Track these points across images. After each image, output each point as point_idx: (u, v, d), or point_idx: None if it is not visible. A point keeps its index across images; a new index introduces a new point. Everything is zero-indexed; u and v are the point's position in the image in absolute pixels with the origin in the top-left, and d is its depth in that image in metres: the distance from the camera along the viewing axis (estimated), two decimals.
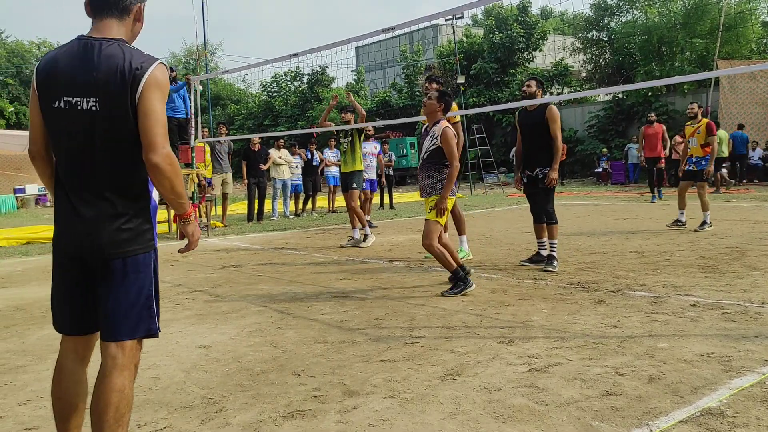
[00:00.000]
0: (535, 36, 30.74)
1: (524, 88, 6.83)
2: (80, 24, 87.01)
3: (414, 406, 2.98)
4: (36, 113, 2.33)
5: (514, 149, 25.17)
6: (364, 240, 9.04)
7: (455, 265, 5.48)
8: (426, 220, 5.57)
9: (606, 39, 29.23)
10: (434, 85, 6.95)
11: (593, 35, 29.71)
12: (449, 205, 5.65)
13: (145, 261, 2.36)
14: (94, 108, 2.22)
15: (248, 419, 2.94)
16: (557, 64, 30.69)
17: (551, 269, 6.31)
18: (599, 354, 3.62)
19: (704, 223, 8.82)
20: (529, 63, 31.48)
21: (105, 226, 2.27)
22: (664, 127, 13.54)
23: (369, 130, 12.63)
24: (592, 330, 4.14)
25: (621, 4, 28.71)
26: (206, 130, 12.86)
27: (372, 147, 13.03)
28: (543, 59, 33.39)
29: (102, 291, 2.32)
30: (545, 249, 6.68)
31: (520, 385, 3.18)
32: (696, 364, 3.36)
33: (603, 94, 27.18)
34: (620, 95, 25.07)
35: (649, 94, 23.80)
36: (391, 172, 18.29)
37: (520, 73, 30.02)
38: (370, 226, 9.75)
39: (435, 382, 3.30)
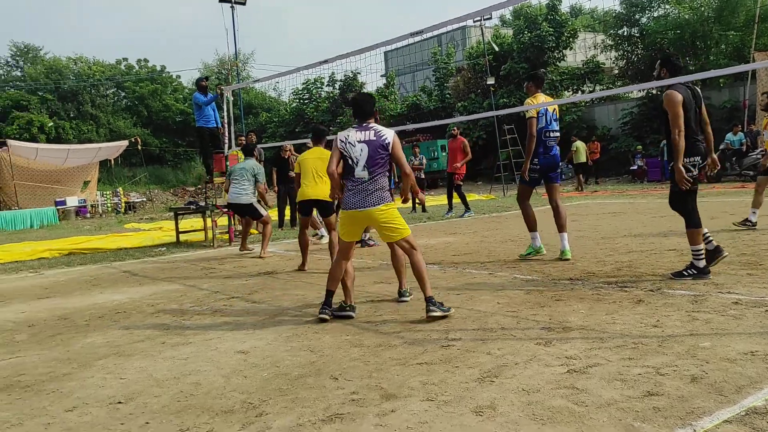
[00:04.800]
0: (566, 34, 30.45)
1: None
2: (113, 39, 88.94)
3: (452, 409, 2.98)
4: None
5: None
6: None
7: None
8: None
9: (638, 35, 28.80)
10: None
11: (624, 32, 29.31)
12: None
13: None
14: None
15: (288, 423, 2.97)
16: (588, 62, 30.37)
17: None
18: (639, 354, 3.57)
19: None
20: (559, 62, 31.20)
21: None
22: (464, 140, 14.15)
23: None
24: (632, 330, 4.08)
25: None
26: (242, 137, 12.99)
27: None
28: (574, 57, 33.07)
29: None
30: (710, 242, 5.76)
31: (559, 387, 3.15)
32: (740, 363, 3.29)
33: (636, 91, 26.78)
34: (654, 91, 24.64)
35: None
36: (422, 176, 18.20)
37: (550, 72, 29.75)
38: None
39: (472, 384, 3.29)
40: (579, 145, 22.33)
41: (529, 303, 5.08)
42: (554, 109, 7.34)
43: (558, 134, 7.38)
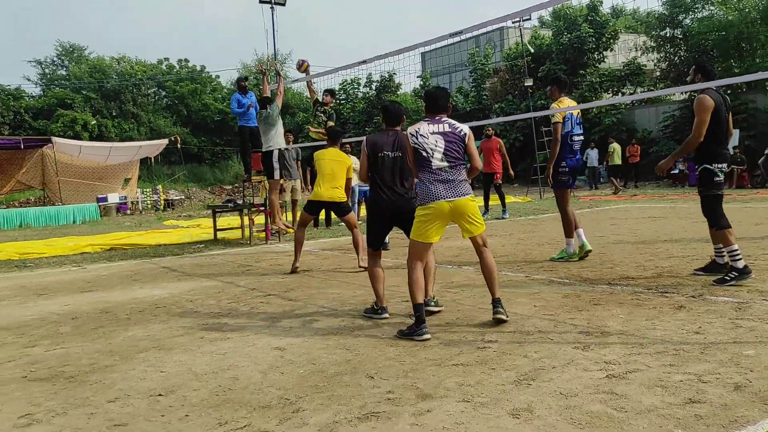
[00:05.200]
0: (606, 35, 29.98)
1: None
2: (154, 40, 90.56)
3: (488, 410, 2.97)
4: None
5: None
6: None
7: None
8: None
9: (680, 36, 28.20)
10: None
11: (667, 33, 28.73)
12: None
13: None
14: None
15: (324, 420, 2.99)
16: (629, 64, 29.86)
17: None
18: (680, 361, 3.51)
19: None
20: (599, 63, 30.74)
21: None
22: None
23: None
24: (672, 336, 4.01)
25: (696, 0, 27.68)
26: (290, 134, 13.00)
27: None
28: (615, 59, 32.53)
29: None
30: (722, 257, 5.85)
31: (597, 392, 3.12)
32: None
33: (678, 93, 26.22)
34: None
35: (728, 92, 22.85)
36: None
37: (590, 74, 29.35)
38: None
39: (509, 386, 3.27)
40: (615, 146, 22.33)
41: (567, 306, 5.02)
42: (578, 113, 7.37)
43: (582, 137, 7.43)
